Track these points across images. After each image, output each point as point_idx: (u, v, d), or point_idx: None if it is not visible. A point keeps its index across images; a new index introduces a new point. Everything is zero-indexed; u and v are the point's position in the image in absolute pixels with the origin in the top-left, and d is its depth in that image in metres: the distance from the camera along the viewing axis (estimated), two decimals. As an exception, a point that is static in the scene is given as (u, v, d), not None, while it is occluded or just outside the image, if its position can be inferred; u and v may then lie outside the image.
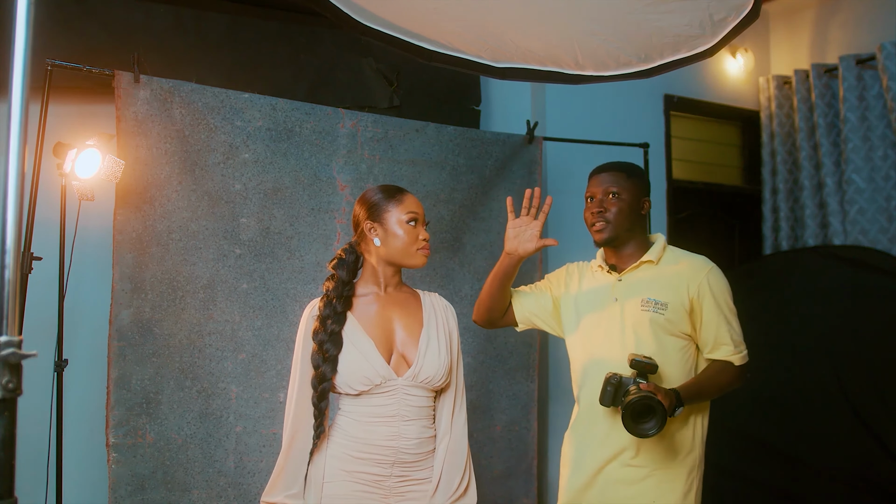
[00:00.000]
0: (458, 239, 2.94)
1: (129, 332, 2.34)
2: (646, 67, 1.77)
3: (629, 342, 1.85)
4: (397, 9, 1.53)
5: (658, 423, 1.63)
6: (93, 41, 2.81)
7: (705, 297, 1.85)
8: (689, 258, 1.93)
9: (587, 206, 1.98)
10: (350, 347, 1.69)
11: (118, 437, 2.30)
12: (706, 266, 1.90)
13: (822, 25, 4.07)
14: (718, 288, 1.87)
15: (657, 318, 1.84)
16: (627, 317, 1.88)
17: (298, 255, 2.61)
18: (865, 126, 3.62)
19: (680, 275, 1.87)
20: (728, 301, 1.87)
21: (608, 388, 1.73)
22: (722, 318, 1.85)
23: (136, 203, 2.37)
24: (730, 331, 1.86)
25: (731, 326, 1.87)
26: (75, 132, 2.39)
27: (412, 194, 1.81)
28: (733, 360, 1.86)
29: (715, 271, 1.89)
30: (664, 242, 1.97)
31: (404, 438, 1.68)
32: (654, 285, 1.88)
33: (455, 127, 2.96)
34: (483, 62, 1.66)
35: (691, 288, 1.85)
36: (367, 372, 1.66)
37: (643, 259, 1.91)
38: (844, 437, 2.97)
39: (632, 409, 1.63)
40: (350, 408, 1.71)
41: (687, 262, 1.91)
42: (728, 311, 1.87)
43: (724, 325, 1.85)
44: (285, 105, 2.62)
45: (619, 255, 1.97)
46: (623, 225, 1.91)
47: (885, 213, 3.57)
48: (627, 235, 1.93)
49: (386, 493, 1.67)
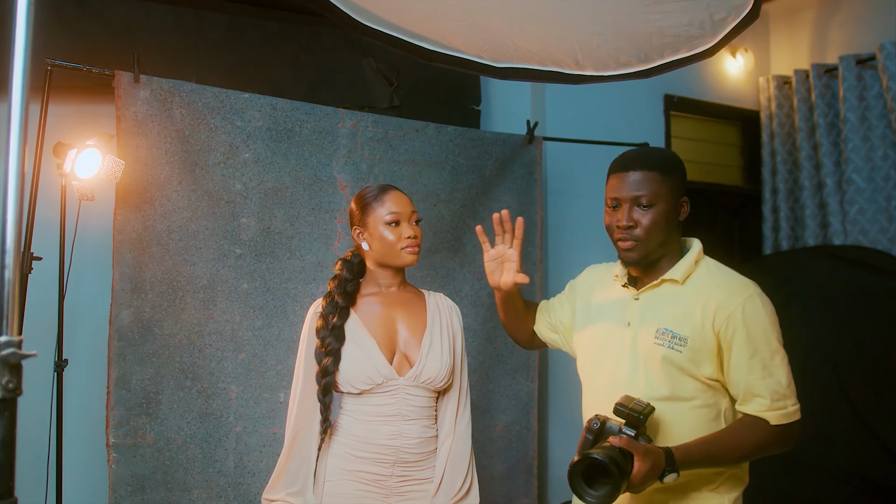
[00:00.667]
0: (458, 239, 2.94)
1: (129, 332, 2.34)
2: (646, 67, 1.76)
3: (639, 381, 1.48)
4: (397, 9, 1.52)
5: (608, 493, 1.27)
6: (93, 41, 2.81)
7: (736, 332, 1.42)
8: (725, 278, 1.51)
9: (609, 213, 1.55)
10: (352, 346, 1.69)
11: (118, 437, 2.30)
12: (745, 291, 1.46)
13: (822, 25, 4.07)
14: (756, 321, 1.43)
15: (672, 357, 1.45)
16: (640, 349, 1.50)
17: (299, 255, 2.61)
18: (865, 126, 3.62)
19: (709, 300, 1.46)
20: (769, 339, 1.44)
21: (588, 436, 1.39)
22: (756, 361, 1.42)
23: (136, 203, 2.37)
24: (766, 378, 1.42)
25: (769, 372, 1.42)
26: (75, 132, 2.39)
27: (397, 191, 1.78)
28: (768, 418, 1.42)
29: (755, 299, 1.45)
30: (698, 254, 1.54)
31: (405, 438, 1.67)
32: (674, 312, 1.48)
33: (455, 127, 2.96)
34: (483, 62, 1.66)
35: (718, 319, 1.43)
36: (368, 371, 1.66)
37: (665, 276, 1.52)
38: (844, 437, 2.96)
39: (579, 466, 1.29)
40: (352, 407, 1.71)
41: (720, 284, 1.49)
42: (767, 353, 1.43)
43: (757, 371, 1.42)
44: (285, 105, 2.62)
45: (643, 269, 1.57)
46: (657, 239, 1.51)
47: (885, 213, 3.57)
48: (660, 252, 1.53)
49: (387, 492, 1.67)
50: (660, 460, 1.32)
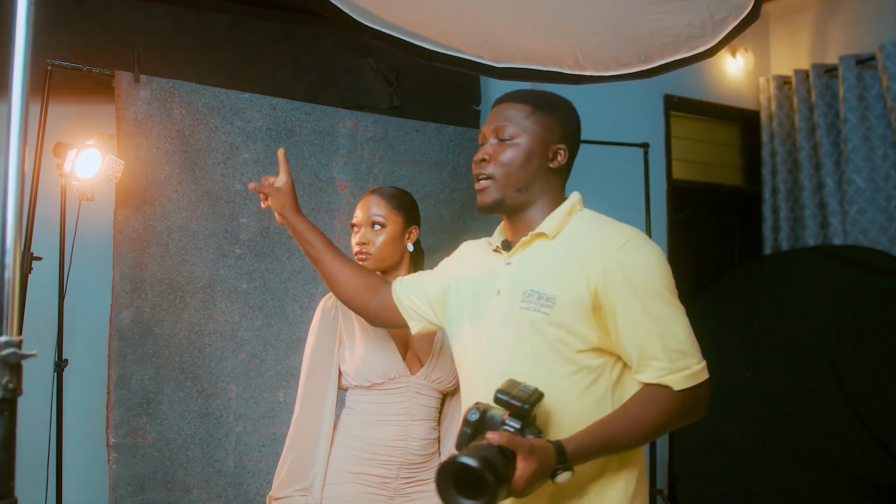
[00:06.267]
0: (458, 239, 2.92)
1: (129, 332, 2.34)
2: (646, 67, 1.76)
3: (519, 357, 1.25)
4: (397, 9, 1.53)
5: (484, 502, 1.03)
6: (93, 41, 2.80)
7: (615, 286, 1.18)
8: (600, 226, 1.29)
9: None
10: (367, 339, 1.68)
11: (118, 437, 2.30)
12: (622, 236, 1.23)
13: (822, 25, 4.06)
14: (638, 269, 1.19)
15: (539, 322, 1.22)
16: (506, 319, 1.27)
17: (299, 254, 2.61)
18: (865, 126, 3.62)
19: (580, 253, 1.24)
20: (657, 288, 1.19)
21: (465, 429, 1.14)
22: (646, 317, 1.18)
23: (136, 203, 2.37)
24: (662, 337, 1.17)
25: (666, 329, 1.18)
26: (75, 132, 2.39)
27: (370, 195, 1.75)
28: (670, 383, 1.17)
29: (634, 244, 1.21)
30: (572, 206, 1.33)
31: (412, 439, 1.66)
32: (542, 270, 1.27)
33: (455, 127, 2.96)
34: (483, 62, 1.66)
35: (593, 273, 1.20)
36: (383, 364, 1.65)
37: (535, 231, 1.30)
38: (844, 438, 2.96)
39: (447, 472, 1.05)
40: (358, 405, 1.69)
41: (595, 234, 1.27)
42: (660, 306, 1.19)
43: (649, 327, 1.18)
44: (285, 105, 2.62)
45: (513, 229, 1.36)
46: (515, 181, 1.31)
47: (885, 213, 3.57)
48: (522, 198, 1.32)
49: (391, 493, 1.66)
50: (549, 458, 1.09)
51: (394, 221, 1.72)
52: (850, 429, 2.96)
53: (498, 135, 1.33)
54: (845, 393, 3.01)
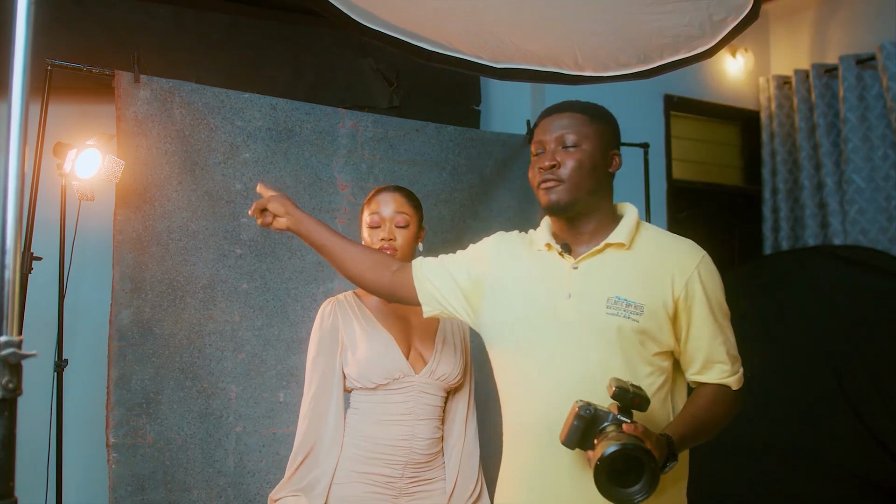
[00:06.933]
0: (458, 239, 2.93)
1: (129, 332, 2.33)
2: (646, 68, 1.77)
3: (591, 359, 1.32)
4: (397, 9, 1.53)
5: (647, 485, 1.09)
6: (93, 41, 2.81)
7: (695, 297, 1.32)
8: (674, 241, 1.40)
9: (533, 162, 1.43)
10: (368, 340, 1.68)
11: (118, 437, 2.30)
12: (697, 254, 1.36)
13: (822, 25, 4.07)
14: (712, 285, 1.35)
15: (629, 327, 1.30)
16: (586, 323, 1.33)
17: (299, 254, 2.61)
18: (865, 126, 3.62)
19: (662, 264, 1.35)
20: (722, 302, 1.37)
21: (576, 423, 1.17)
22: (717, 327, 1.34)
23: (136, 203, 2.37)
24: (725, 344, 1.35)
25: (727, 337, 1.37)
26: (75, 132, 2.39)
27: (389, 191, 1.75)
28: (730, 384, 1.36)
29: (707, 262, 1.36)
30: (637, 217, 1.42)
31: (417, 438, 1.66)
32: (625, 278, 1.34)
33: (455, 127, 2.96)
34: (482, 62, 1.66)
35: (677, 284, 1.32)
36: (386, 364, 1.65)
37: (610, 240, 1.37)
38: (844, 437, 2.96)
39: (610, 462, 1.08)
40: (363, 406, 1.69)
41: (671, 248, 1.38)
42: (722, 317, 1.36)
43: (719, 337, 1.34)
44: (285, 105, 2.62)
45: (575, 231, 1.41)
46: (585, 186, 1.37)
47: (885, 213, 3.57)
48: (589, 202, 1.38)
49: (396, 493, 1.66)
50: (665, 449, 1.17)
51: (414, 220, 1.75)
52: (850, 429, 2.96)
53: (562, 142, 1.40)
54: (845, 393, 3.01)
